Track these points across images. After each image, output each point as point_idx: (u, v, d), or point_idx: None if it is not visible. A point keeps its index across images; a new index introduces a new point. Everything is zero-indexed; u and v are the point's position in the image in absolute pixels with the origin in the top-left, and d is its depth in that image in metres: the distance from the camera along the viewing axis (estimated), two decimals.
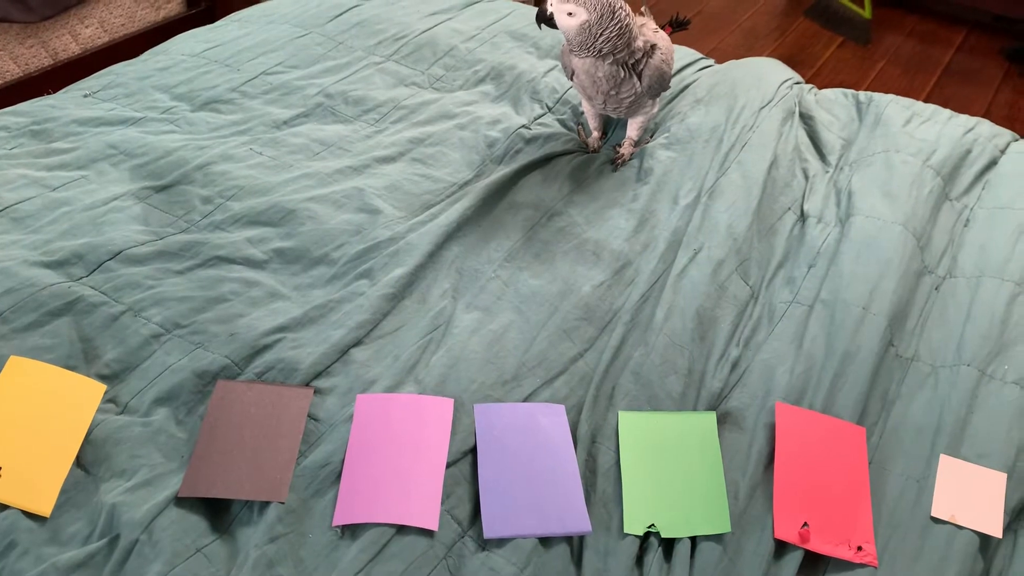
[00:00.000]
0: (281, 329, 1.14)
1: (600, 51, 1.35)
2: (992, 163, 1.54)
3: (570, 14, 1.31)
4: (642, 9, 1.54)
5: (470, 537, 0.96)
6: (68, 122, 1.48)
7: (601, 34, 1.32)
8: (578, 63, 1.39)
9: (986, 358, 1.17)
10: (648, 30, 1.42)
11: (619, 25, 1.32)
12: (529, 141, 1.52)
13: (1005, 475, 1.04)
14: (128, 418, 1.04)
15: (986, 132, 1.60)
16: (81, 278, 1.18)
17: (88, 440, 1.00)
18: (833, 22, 3.52)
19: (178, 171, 1.38)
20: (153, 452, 1.00)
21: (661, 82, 1.44)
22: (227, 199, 1.34)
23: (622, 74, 1.38)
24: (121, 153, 1.42)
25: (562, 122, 1.59)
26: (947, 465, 1.05)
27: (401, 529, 0.94)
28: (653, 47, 1.40)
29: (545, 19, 1.36)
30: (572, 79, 1.45)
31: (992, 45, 3.43)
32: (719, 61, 1.86)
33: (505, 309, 1.22)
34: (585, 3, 1.30)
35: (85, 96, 1.58)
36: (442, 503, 0.97)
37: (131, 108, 1.55)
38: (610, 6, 1.31)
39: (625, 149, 1.50)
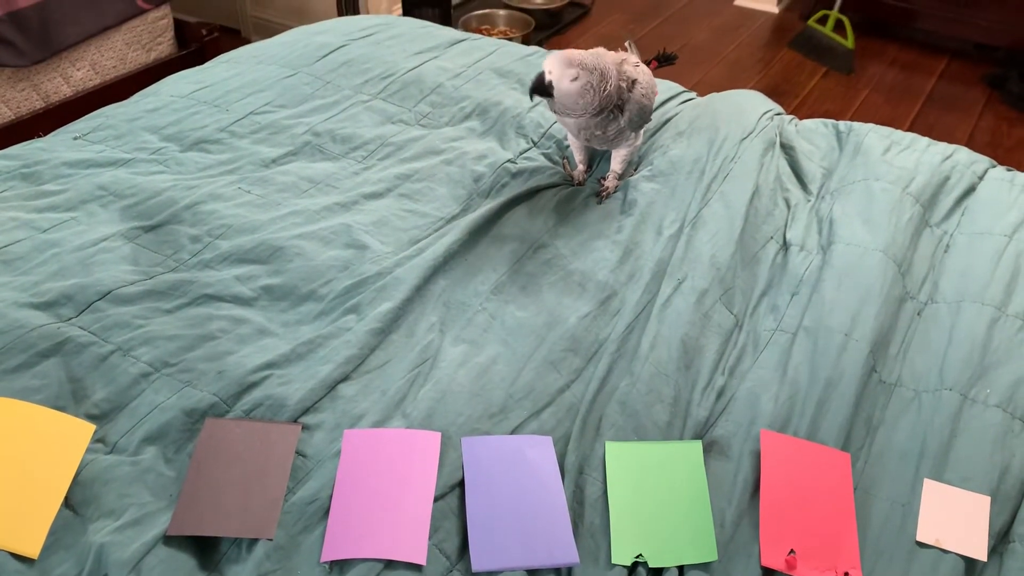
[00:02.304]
0: (269, 366, 1.15)
1: (601, 108, 1.38)
2: (970, 189, 1.57)
3: (574, 79, 1.33)
4: (626, 44, 1.57)
5: (458, 571, 0.96)
6: (58, 164, 1.50)
7: (601, 91, 1.36)
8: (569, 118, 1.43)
9: (968, 382, 1.18)
10: (628, 64, 1.44)
11: (610, 82, 1.36)
12: (515, 175, 1.54)
13: (989, 498, 1.05)
14: (117, 457, 1.04)
15: (964, 159, 1.62)
16: (70, 319, 1.19)
17: (77, 480, 1.01)
18: (816, 52, 3.57)
19: (167, 211, 1.39)
20: (142, 491, 1.01)
21: (642, 115, 1.46)
22: (216, 238, 1.35)
23: (610, 117, 1.41)
24: (111, 194, 1.43)
25: (547, 156, 1.61)
26: (931, 489, 1.06)
27: (390, 564, 0.94)
28: (634, 82, 1.43)
29: (541, 88, 1.36)
30: (556, 112, 1.48)
31: (974, 73, 3.49)
32: (705, 93, 1.90)
33: (492, 342, 1.23)
34: (585, 64, 1.33)
35: (75, 138, 1.60)
36: (430, 537, 0.97)
37: (120, 150, 1.57)
38: (602, 64, 1.35)
39: (610, 182, 1.52)
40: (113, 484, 1.00)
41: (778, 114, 1.78)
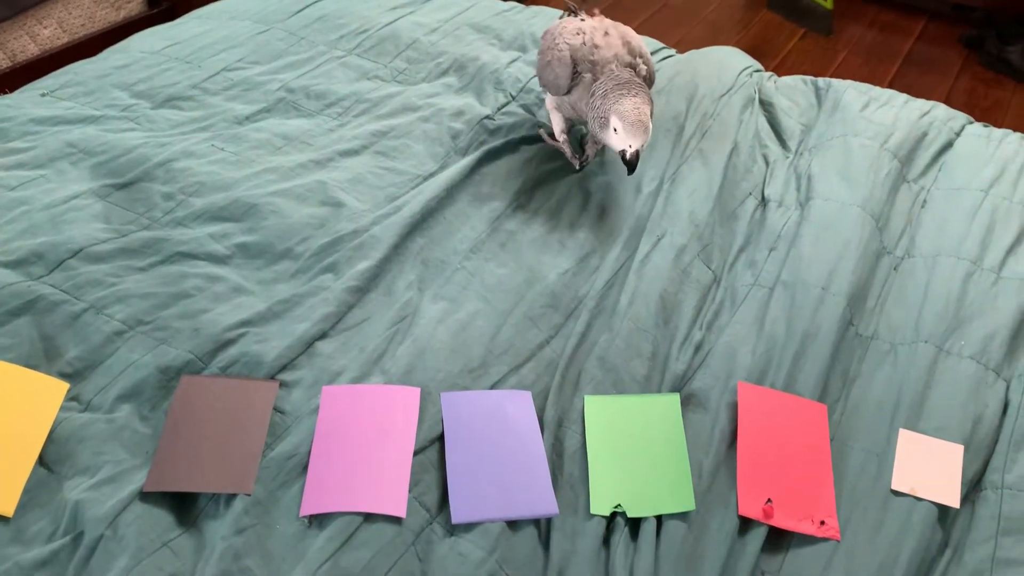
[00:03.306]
0: (245, 324, 1.14)
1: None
2: (948, 145, 1.57)
3: (649, 126, 1.29)
4: (571, 5, 1.52)
5: (438, 523, 0.97)
6: (25, 121, 1.47)
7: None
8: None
9: (943, 335, 1.19)
10: (633, 38, 1.38)
11: (643, 78, 1.35)
12: (493, 132, 1.52)
13: (962, 447, 1.06)
14: (91, 415, 1.03)
15: (941, 115, 1.62)
16: (41, 277, 1.17)
17: (51, 438, 1.00)
18: (795, 14, 3.55)
19: (139, 168, 1.37)
20: (117, 449, 1.00)
21: (651, 84, 1.42)
22: (189, 195, 1.33)
23: None
24: (80, 152, 1.40)
25: (526, 108, 1.59)
26: (906, 439, 1.07)
27: (369, 517, 0.94)
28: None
29: (637, 160, 1.30)
30: (560, 95, 1.41)
31: (951, 33, 3.49)
32: (682, 53, 1.88)
33: (471, 298, 1.23)
34: (648, 112, 1.28)
35: (43, 95, 1.56)
36: (410, 490, 0.97)
37: (90, 106, 1.53)
38: (645, 78, 1.36)
39: (590, 148, 1.49)
40: (88, 442, 0.99)
41: (757, 71, 1.77)
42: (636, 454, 1.04)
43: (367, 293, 1.22)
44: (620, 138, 1.28)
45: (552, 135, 1.51)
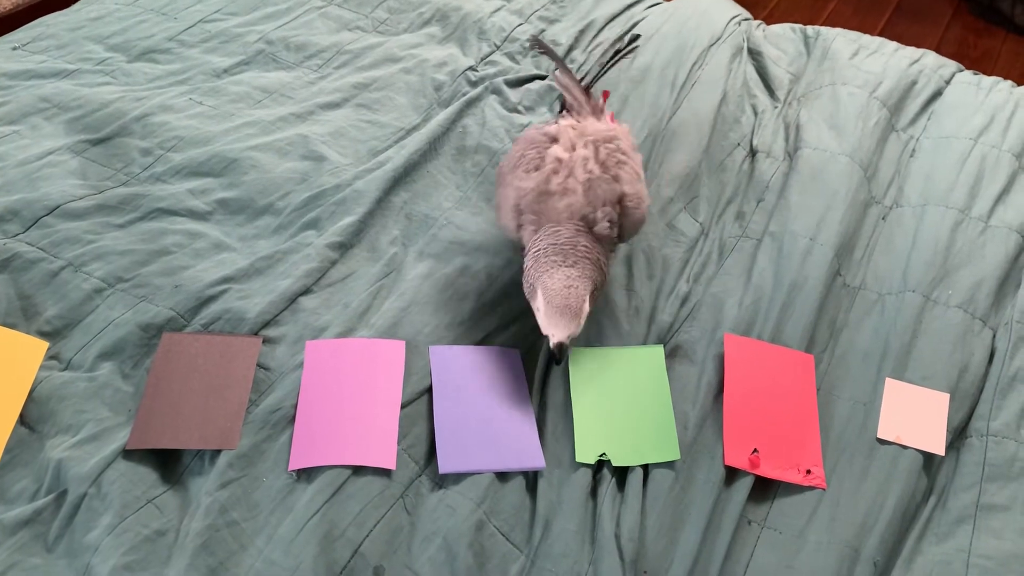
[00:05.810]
0: (227, 280, 1.12)
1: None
2: (937, 93, 1.55)
3: (582, 311, 0.99)
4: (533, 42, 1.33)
5: (427, 476, 0.96)
6: None
7: (606, 270, 1.04)
8: None
9: (931, 284, 1.19)
10: (614, 164, 1.07)
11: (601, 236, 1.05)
12: (475, 84, 1.49)
13: (948, 395, 1.06)
14: (72, 374, 1.02)
15: (931, 63, 1.60)
16: (17, 235, 1.14)
17: (31, 398, 0.98)
18: None
19: (116, 123, 1.34)
20: (99, 407, 0.99)
21: (638, 228, 1.12)
22: (167, 150, 1.30)
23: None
24: (55, 106, 1.37)
25: (510, 56, 1.57)
26: (893, 388, 1.07)
27: (357, 470, 0.93)
28: (621, 198, 1.06)
29: (564, 354, 1.01)
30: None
31: None
32: (669, 0, 1.84)
33: (458, 254, 1.21)
34: (582, 292, 0.98)
35: (14, 49, 1.52)
36: (398, 443, 0.97)
37: (63, 60, 1.49)
38: (591, 254, 1.01)
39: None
40: (69, 400, 0.98)
41: (745, 19, 1.74)
42: (620, 404, 1.03)
43: (350, 249, 1.20)
44: (541, 320, 0.99)
45: None
